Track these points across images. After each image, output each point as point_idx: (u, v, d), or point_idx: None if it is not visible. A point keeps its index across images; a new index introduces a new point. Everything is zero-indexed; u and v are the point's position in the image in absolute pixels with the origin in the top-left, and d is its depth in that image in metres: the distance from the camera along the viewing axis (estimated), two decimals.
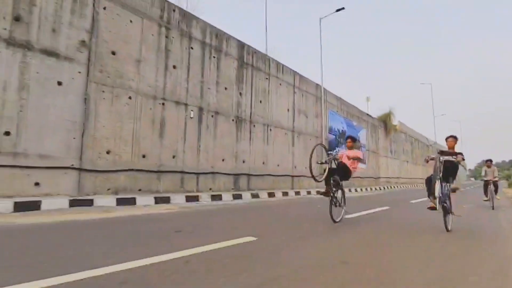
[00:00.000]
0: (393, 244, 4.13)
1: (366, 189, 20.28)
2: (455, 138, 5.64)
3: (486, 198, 10.44)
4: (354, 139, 6.22)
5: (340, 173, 5.56)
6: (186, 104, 10.18)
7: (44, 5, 7.13)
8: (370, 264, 2.98)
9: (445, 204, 5.04)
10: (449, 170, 5.17)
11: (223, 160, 11.30)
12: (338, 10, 17.23)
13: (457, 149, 5.65)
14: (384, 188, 23.61)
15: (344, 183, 5.79)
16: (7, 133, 6.48)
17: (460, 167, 5.57)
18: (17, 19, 6.72)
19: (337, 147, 18.37)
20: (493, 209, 9.35)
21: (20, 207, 5.82)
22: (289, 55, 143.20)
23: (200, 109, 10.64)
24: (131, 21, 8.82)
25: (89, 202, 6.95)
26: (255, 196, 11.13)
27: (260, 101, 13.31)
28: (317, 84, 17.52)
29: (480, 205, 10.36)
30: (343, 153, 5.93)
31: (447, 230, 4.98)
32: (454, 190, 5.16)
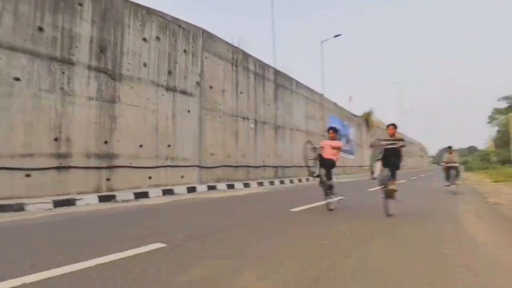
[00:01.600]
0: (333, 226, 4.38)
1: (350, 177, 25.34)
2: (394, 126, 5.72)
3: (447, 183, 10.34)
4: (336, 130, 6.32)
5: (327, 166, 5.92)
6: (248, 118, 14.41)
7: (180, 63, 11.09)
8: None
9: (386, 188, 5.10)
10: (391, 157, 5.26)
11: (268, 156, 15.68)
12: (336, 36, 21.85)
13: (399, 135, 5.80)
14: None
15: (335, 170, 6.29)
16: (169, 146, 10.49)
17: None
18: (170, 73, 10.68)
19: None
20: (456, 194, 9.50)
21: (167, 192, 9.97)
22: (293, 65, 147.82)
23: (255, 121, 14.91)
24: (218, 64, 12.89)
25: (214, 188, 11.14)
26: (292, 181, 15.63)
27: (287, 112, 17.75)
28: (320, 94, 22.18)
29: (441, 191, 10.34)
30: (325, 143, 6.12)
31: (388, 215, 4.98)
32: (392, 191, 5.21)
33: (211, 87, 12.41)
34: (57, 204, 6.51)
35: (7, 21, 6.83)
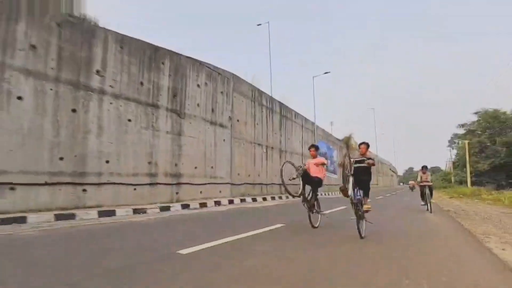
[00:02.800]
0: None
1: (334, 193, 28.99)
2: (367, 144, 5.69)
3: (423, 203, 10.48)
4: (317, 148, 6.37)
5: (313, 183, 5.92)
6: (261, 145, 17.57)
7: (218, 102, 14.18)
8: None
9: (358, 208, 4.93)
10: (361, 174, 5.24)
11: (275, 175, 18.82)
12: (325, 73, 25.87)
13: (370, 155, 5.74)
14: None
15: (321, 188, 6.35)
16: (211, 167, 13.38)
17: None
18: (212, 110, 13.71)
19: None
20: (430, 212, 9.53)
21: (217, 203, 12.87)
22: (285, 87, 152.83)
23: (266, 147, 18.10)
24: (242, 101, 16.09)
25: (244, 200, 14.07)
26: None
27: (288, 138, 21.14)
28: (312, 122, 25.89)
29: (417, 209, 10.61)
30: (309, 162, 6.15)
31: (361, 237, 4.75)
32: (366, 211, 5.19)
33: (238, 120, 15.53)
34: (162, 209, 9.26)
35: (124, 79, 9.69)
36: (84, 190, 8.31)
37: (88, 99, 8.56)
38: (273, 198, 16.31)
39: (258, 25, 24.97)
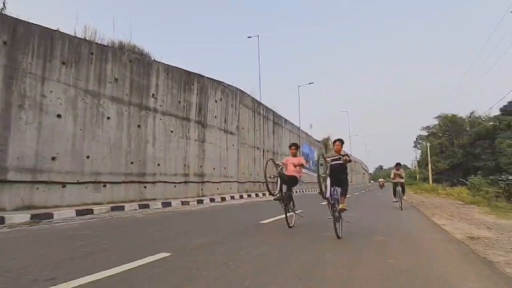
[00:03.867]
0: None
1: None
2: (341, 141, 5.60)
3: (395, 199, 10.72)
4: (297, 146, 6.42)
5: (289, 183, 6.02)
6: (259, 148, 20.53)
7: (229, 113, 16.95)
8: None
9: (334, 208, 4.89)
10: (338, 173, 5.18)
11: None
12: (310, 83, 29.18)
13: (343, 153, 5.49)
14: None
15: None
16: (224, 168, 16.17)
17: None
18: (225, 120, 16.48)
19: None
20: (401, 209, 9.80)
21: (232, 197, 15.75)
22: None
23: (263, 150, 21.08)
24: (246, 112, 18.95)
25: (249, 196, 16.98)
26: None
27: (279, 142, 24.24)
28: (298, 127, 29.17)
29: (389, 206, 11.13)
30: (288, 160, 6.22)
31: (338, 238, 4.72)
32: (342, 210, 4.95)
33: (242, 128, 18.38)
34: (198, 202, 11.99)
35: (168, 99, 12.29)
36: (145, 187, 10.90)
37: (147, 117, 11.14)
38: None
39: (248, 37, 27.73)
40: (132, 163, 10.40)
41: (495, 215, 8.58)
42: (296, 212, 6.30)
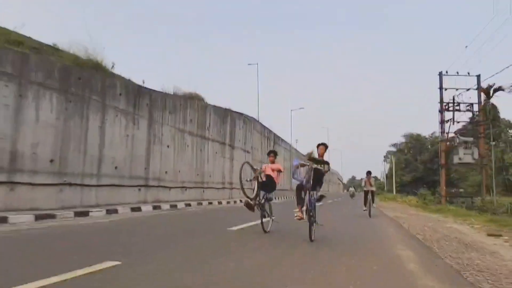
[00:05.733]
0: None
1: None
2: (325, 145, 5.64)
3: (365, 208, 11.00)
4: (275, 153, 6.68)
5: (268, 186, 6.04)
6: (264, 162, 26.09)
7: (247, 137, 22.42)
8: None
9: (311, 214, 5.07)
10: (317, 178, 5.23)
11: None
12: (300, 108, 35.16)
13: (326, 157, 5.63)
14: None
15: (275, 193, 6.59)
16: (223, 177, 21.57)
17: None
18: (245, 143, 21.95)
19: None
20: (369, 217, 10.41)
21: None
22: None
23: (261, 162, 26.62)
24: (256, 135, 24.48)
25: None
26: (282, 198, 27.45)
27: (278, 158, 29.92)
28: (290, 145, 35.06)
29: (359, 214, 11.42)
30: (267, 166, 6.39)
31: (311, 240, 4.95)
32: (320, 198, 5.38)
33: (254, 148, 23.89)
34: (234, 202, 17.31)
35: (214, 130, 17.63)
36: (203, 191, 16.15)
37: (204, 144, 16.46)
38: None
39: (248, 64, 32.62)
40: (198, 175, 15.66)
41: (421, 211, 14.62)
42: (272, 218, 6.23)
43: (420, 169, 57.47)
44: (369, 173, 11.60)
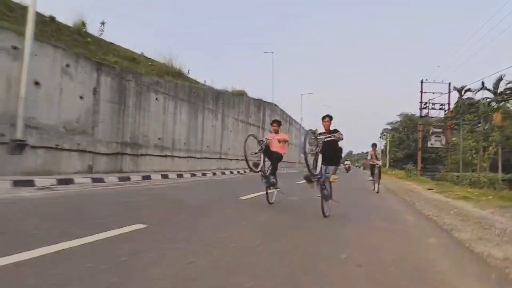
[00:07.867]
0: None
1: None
2: (330, 117, 5.45)
3: (371, 178, 10.92)
4: (279, 123, 6.42)
5: (274, 159, 5.94)
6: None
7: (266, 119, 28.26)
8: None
9: (323, 187, 4.89)
10: (330, 151, 4.96)
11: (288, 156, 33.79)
12: (310, 93, 40.63)
13: (332, 128, 5.36)
14: None
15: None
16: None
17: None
18: (263, 121, 27.86)
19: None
20: (377, 192, 10.32)
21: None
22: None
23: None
24: (276, 118, 30.31)
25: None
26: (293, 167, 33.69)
27: (291, 136, 35.94)
28: (300, 125, 40.91)
29: (366, 188, 11.78)
30: (273, 136, 6.14)
31: (324, 216, 4.82)
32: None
33: None
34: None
35: (254, 117, 23.45)
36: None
37: (248, 128, 22.34)
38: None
39: (264, 52, 36.26)
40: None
41: (402, 180, 20.82)
42: (278, 189, 6.14)
43: (412, 147, 63.65)
44: (374, 145, 10.88)
